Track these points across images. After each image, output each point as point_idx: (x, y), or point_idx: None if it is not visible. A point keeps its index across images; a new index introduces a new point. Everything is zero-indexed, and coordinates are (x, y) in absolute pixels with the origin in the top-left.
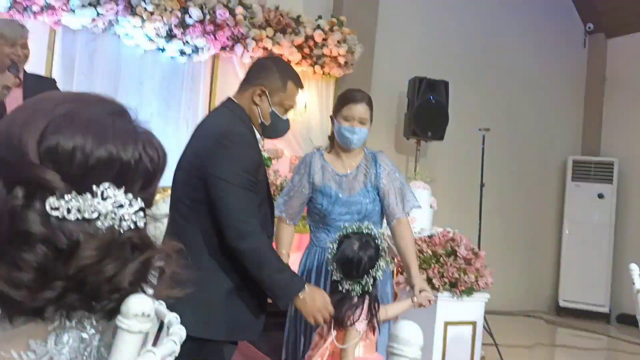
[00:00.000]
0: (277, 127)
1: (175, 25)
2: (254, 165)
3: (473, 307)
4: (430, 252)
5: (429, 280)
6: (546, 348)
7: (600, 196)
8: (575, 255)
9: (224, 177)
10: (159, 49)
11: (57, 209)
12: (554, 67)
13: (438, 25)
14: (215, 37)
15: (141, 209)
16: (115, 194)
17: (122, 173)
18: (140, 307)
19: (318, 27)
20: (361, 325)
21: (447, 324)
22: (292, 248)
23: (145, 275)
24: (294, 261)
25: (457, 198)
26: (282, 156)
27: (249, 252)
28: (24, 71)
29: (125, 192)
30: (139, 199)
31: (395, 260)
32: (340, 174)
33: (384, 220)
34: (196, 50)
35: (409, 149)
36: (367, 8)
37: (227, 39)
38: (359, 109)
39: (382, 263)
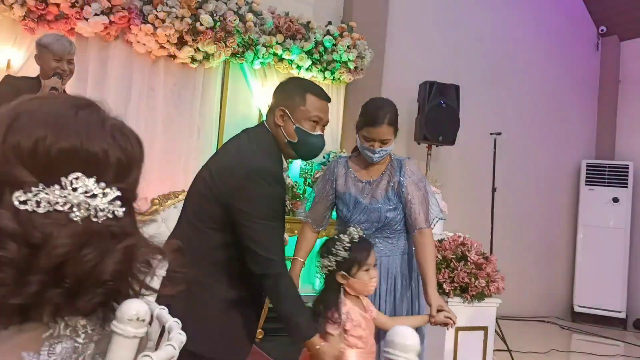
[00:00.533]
0: (308, 143)
1: (186, 32)
2: (281, 202)
3: (484, 312)
4: (440, 257)
5: (440, 285)
6: (561, 354)
7: (615, 200)
8: (590, 260)
9: (252, 212)
10: (170, 55)
11: (25, 202)
12: (566, 70)
13: (448, 29)
14: (225, 44)
15: (117, 197)
16: (86, 184)
17: (90, 164)
18: (135, 311)
19: (328, 32)
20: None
21: (458, 329)
22: None
23: (130, 268)
24: None
25: (468, 203)
26: (294, 161)
27: (272, 286)
28: (64, 90)
29: (97, 182)
30: (114, 188)
31: None
32: (364, 181)
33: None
34: (207, 56)
35: (420, 153)
36: (377, 13)
37: (238, 45)
38: (379, 132)
39: (325, 261)
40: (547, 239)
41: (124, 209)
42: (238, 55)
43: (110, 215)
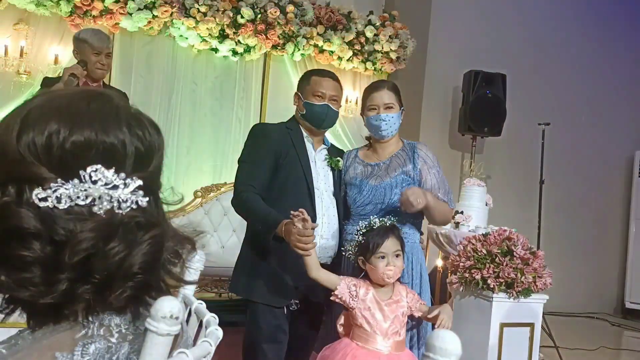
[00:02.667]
0: (312, 111)
1: (228, 25)
2: (263, 148)
3: (531, 308)
4: (485, 252)
5: (484, 281)
6: (611, 351)
7: None
8: None
9: (238, 159)
10: (212, 49)
11: (45, 199)
12: (619, 57)
13: (494, 16)
14: (266, 36)
15: (139, 187)
16: (106, 176)
17: (108, 155)
18: (169, 309)
19: (369, 22)
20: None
21: (502, 325)
22: None
23: (159, 259)
24: None
25: (515, 195)
26: None
27: (237, 202)
28: (103, 82)
29: (117, 173)
30: (134, 178)
31: (450, 258)
32: (372, 164)
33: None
34: (248, 49)
35: (464, 145)
36: (420, 1)
37: (278, 37)
38: (382, 95)
39: (347, 245)
40: (597, 233)
41: (147, 198)
42: (279, 48)
43: (134, 206)
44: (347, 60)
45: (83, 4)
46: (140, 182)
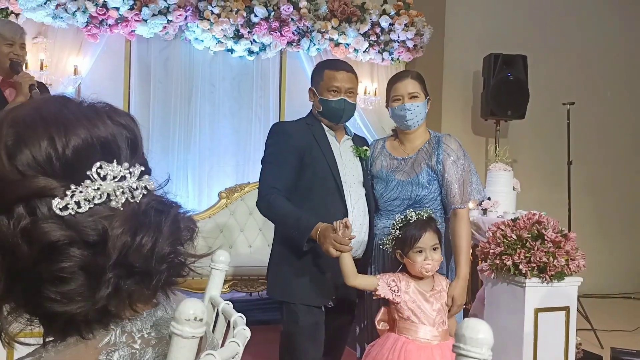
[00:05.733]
0: (328, 107)
1: (242, 25)
2: (286, 148)
3: (565, 292)
4: (514, 237)
5: (516, 266)
6: None
7: None
8: None
9: (261, 162)
10: (228, 50)
11: (65, 208)
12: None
13: None
14: (281, 34)
15: (142, 172)
16: (112, 169)
17: (105, 150)
18: (192, 310)
19: (384, 12)
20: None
21: (537, 310)
22: None
23: (179, 235)
24: None
25: (543, 178)
26: None
27: (266, 206)
28: (41, 83)
29: (119, 164)
30: (136, 164)
31: (480, 245)
32: (399, 158)
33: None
34: (263, 48)
35: (487, 130)
36: None
37: (293, 33)
38: (406, 85)
39: (385, 239)
40: (631, 211)
41: (153, 181)
42: (294, 44)
43: (145, 192)
44: (364, 52)
45: (98, 14)
46: (142, 168)
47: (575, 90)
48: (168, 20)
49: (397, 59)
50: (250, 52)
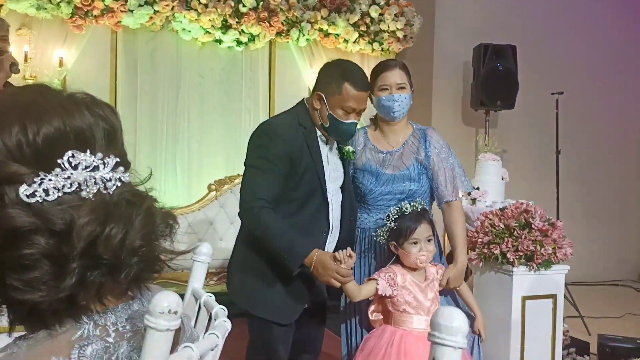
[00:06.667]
0: (338, 129)
1: (230, 15)
2: (277, 154)
3: (552, 279)
4: (502, 226)
5: (504, 255)
6: (637, 318)
7: None
8: None
9: (247, 158)
10: (216, 40)
11: (33, 195)
12: (632, 20)
13: None
14: (270, 24)
15: (117, 163)
16: (84, 158)
17: (80, 140)
18: (167, 303)
19: (374, 2)
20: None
21: (524, 298)
22: None
23: (153, 229)
24: None
25: (532, 168)
26: None
27: (253, 220)
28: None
29: (92, 154)
30: (111, 155)
31: (468, 234)
32: (384, 151)
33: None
34: (252, 38)
35: (477, 120)
36: None
37: (282, 24)
38: (394, 74)
39: (379, 231)
40: (618, 200)
41: (128, 173)
42: (283, 35)
43: (118, 184)
44: (354, 42)
45: (83, 5)
46: (117, 159)
47: (564, 80)
48: (155, 10)
49: (388, 49)
50: (239, 42)
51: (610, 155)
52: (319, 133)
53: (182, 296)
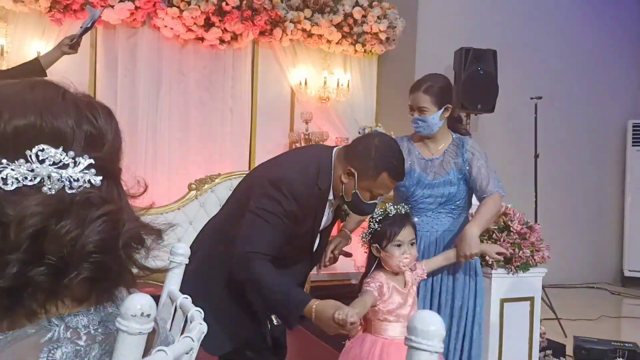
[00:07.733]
0: (357, 207)
1: (213, 13)
2: (288, 212)
3: (530, 282)
4: None
5: (482, 258)
6: (612, 320)
7: None
8: (639, 223)
9: (254, 205)
10: (198, 38)
11: None
12: (609, 27)
13: None
14: (253, 23)
15: (91, 165)
16: (53, 154)
17: (55, 137)
18: (139, 306)
19: (357, 3)
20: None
21: (503, 300)
22: None
23: (116, 238)
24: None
25: (511, 171)
26: (328, 138)
27: (243, 273)
28: None
29: (65, 152)
30: (85, 156)
31: None
32: (426, 159)
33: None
34: (235, 37)
35: None
36: None
37: (265, 23)
38: (416, 98)
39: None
40: (594, 203)
41: (100, 177)
42: (266, 34)
43: (87, 185)
44: (336, 43)
45: None
46: (91, 161)
47: (543, 84)
48: (135, 6)
49: (370, 50)
50: (222, 41)
51: (587, 159)
52: (331, 195)
53: (158, 298)
